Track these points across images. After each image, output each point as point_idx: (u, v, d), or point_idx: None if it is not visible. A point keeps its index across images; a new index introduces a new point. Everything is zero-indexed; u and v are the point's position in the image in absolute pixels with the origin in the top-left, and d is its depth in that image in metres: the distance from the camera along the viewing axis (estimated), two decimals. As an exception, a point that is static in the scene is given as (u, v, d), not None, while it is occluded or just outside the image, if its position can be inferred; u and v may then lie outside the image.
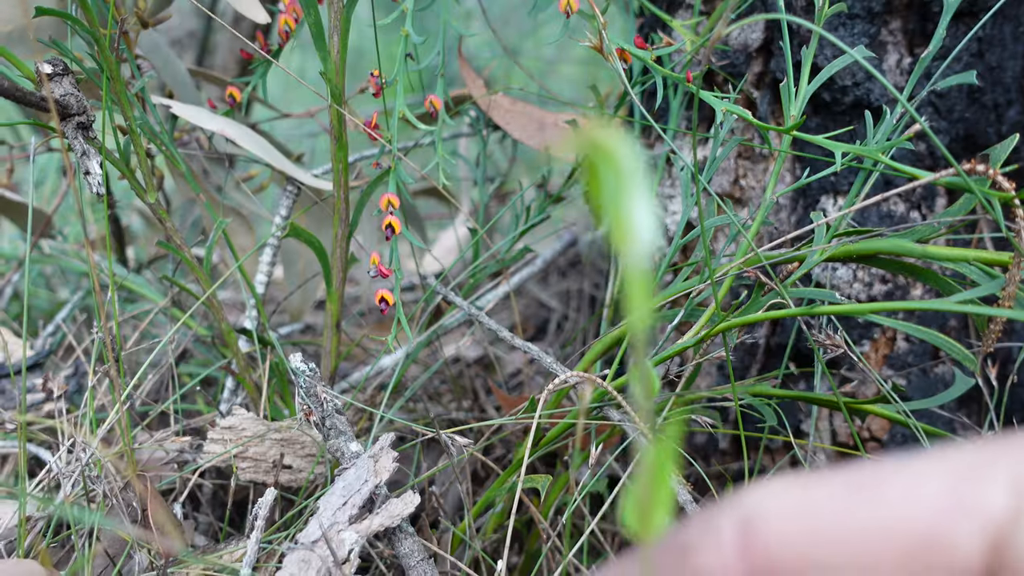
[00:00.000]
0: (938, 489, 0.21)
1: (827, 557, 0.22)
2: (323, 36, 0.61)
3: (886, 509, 0.21)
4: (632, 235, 0.16)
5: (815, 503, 0.23)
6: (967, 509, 0.20)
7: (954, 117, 0.70)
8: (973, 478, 0.20)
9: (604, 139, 0.16)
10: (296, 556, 0.48)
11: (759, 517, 0.23)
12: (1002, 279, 0.44)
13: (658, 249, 0.79)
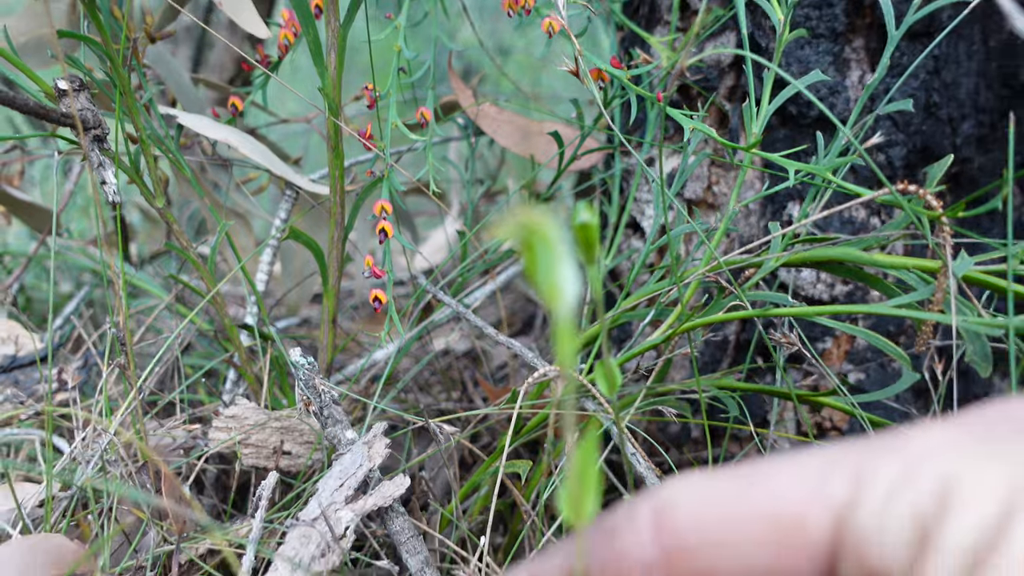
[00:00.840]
0: (802, 481, 0.26)
1: (721, 536, 0.27)
2: (321, 53, 0.65)
3: (765, 497, 0.26)
4: (559, 296, 0.21)
5: (715, 493, 0.27)
6: (818, 497, 0.25)
7: (911, 130, 0.75)
8: (827, 472, 0.25)
9: (535, 222, 0.21)
10: (297, 532, 0.53)
11: (670, 505, 0.28)
12: (934, 285, 0.49)
13: (635, 250, 0.84)
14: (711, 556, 0.27)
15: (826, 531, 0.25)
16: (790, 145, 0.76)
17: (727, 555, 0.27)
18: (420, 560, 0.58)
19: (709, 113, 0.79)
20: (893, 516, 0.24)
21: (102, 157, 0.56)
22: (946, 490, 0.23)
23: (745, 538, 0.26)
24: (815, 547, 0.26)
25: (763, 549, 0.26)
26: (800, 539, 0.26)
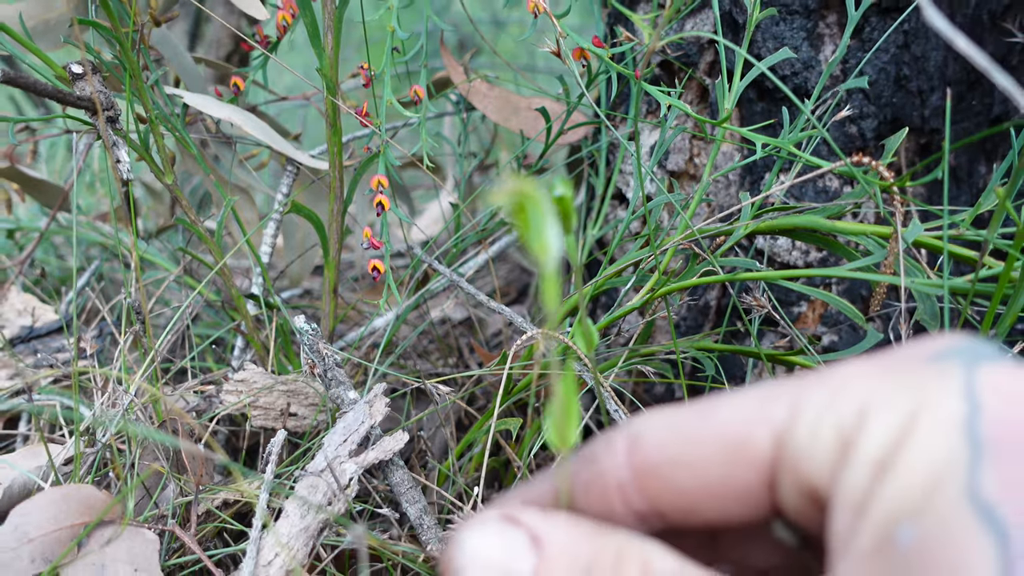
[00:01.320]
0: (747, 408, 0.31)
1: (681, 456, 0.32)
2: (318, 35, 0.69)
3: (716, 423, 0.31)
4: (547, 252, 0.25)
5: (676, 422, 0.32)
6: (760, 420, 0.30)
7: (882, 102, 0.78)
8: (768, 401, 0.30)
9: (525, 190, 0.25)
10: (306, 482, 0.58)
11: (640, 433, 0.33)
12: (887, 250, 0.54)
13: (621, 220, 0.88)
14: (674, 474, 0.32)
15: (767, 448, 0.30)
16: (767, 117, 0.79)
17: (687, 472, 0.32)
18: (419, 509, 0.63)
19: (689, 88, 0.82)
20: (821, 433, 0.28)
21: (116, 137, 0.60)
22: (862, 411, 0.28)
23: (701, 457, 0.31)
24: (759, 462, 0.30)
25: (716, 466, 0.31)
26: (746, 456, 0.30)
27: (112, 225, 0.94)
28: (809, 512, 0.31)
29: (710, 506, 0.32)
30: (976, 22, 0.77)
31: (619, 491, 0.33)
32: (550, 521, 0.32)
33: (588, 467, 0.34)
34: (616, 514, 0.34)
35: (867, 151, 0.79)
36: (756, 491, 0.31)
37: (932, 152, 0.81)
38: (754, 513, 0.33)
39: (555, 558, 0.30)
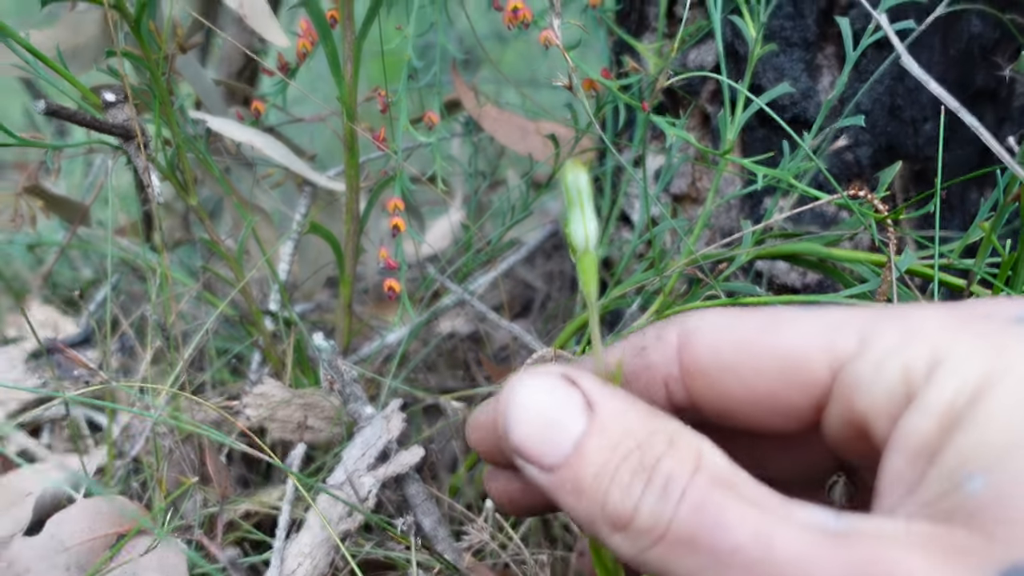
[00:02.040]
0: (813, 329, 0.31)
1: (734, 363, 0.32)
2: (338, 64, 0.72)
3: (779, 339, 0.31)
4: (587, 238, 0.30)
5: (734, 327, 0.32)
6: (825, 345, 0.30)
7: (877, 131, 0.81)
8: (835, 326, 0.30)
9: (573, 170, 0.29)
10: (326, 495, 0.61)
11: (694, 330, 0.33)
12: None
13: (626, 241, 0.91)
14: (723, 379, 0.32)
15: (825, 374, 0.30)
16: (768, 144, 0.82)
17: (736, 380, 0.32)
18: (433, 520, 0.65)
19: (693, 115, 0.85)
20: (886, 370, 0.28)
21: (147, 163, 0.63)
22: (936, 356, 0.28)
23: (754, 369, 0.31)
24: (814, 386, 0.30)
25: (768, 381, 0.31)
26: (801, 377, 0.30)
27: (132, 239, 0.97)
28: (850, 442, 0.31)
29: (751, 415, 0.32)
30: (968, 55, 0.80)
31: (664, 385, 0.33)
32: (607, 391, 0.31)
33: (637, 357, 0.34)
34: (656, 406, 0.33)
35: (863, 178, 0.83)
36: (802, 411, 0.31)
37: (926, 179, 0.85)
38: (793, 429, 0.32)
39: (607, 426, 0.30)
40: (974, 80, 0.81)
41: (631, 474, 0.29)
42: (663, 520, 0.28)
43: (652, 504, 0.28)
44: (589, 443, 0.29)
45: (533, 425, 0.30)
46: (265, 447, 0.46)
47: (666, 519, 0.28)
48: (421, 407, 0.85)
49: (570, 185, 0.31)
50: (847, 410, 0.29)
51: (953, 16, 0.78)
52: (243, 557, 0.63)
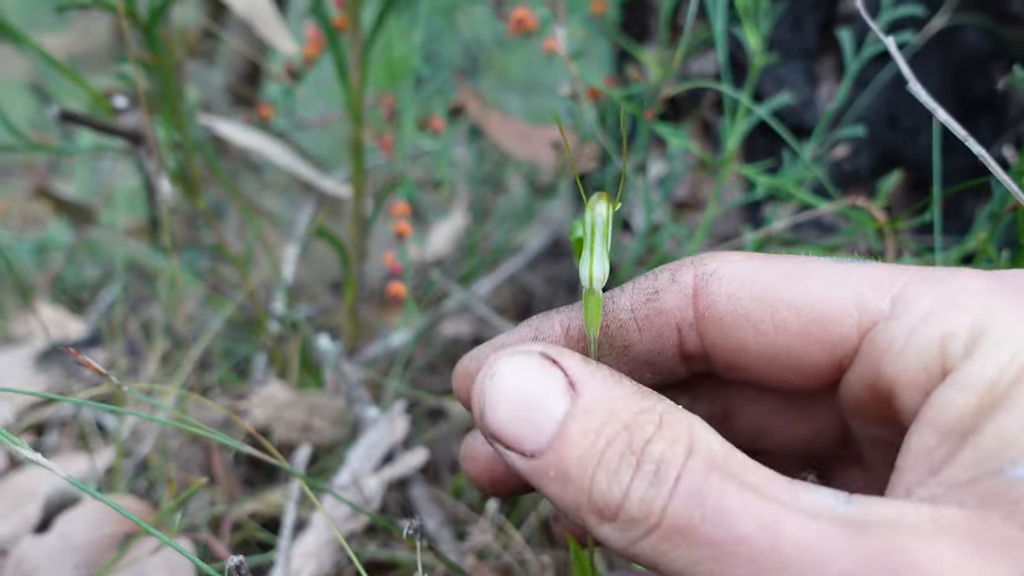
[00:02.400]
0: (844, 287, 0.28)
1: (754, 313, 0.29)
2: (345, 71, 0.73)
3: (803, 290, 0.29)
4: (594, 277, 0.30)
5: (759, 275, 0.30)
6: (854, 302, 0.28)
7: (876, 140, 0.83)
8: (866, 284, 0.28)
9: (597, 204, 0.29)
10: (331, 496, 0.61)
11: (712, 274, 0.30)
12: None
13: (627, 248, 0.92)
14: (740, 329, 0.30)
15: (853, 333, 0.28)
16: (769, 150, 0.83)
17: (754, 331, 0.29)
18: (437, 522, 0.66)
19: (694, 122, 0.86)
20: (921, 337, 0.26)
21: (158, 168, 0.64)
22: (978, 327, 0.25)
23: (776, 321, 0.29)
24: (838, 345, 0.28)
25: (788, 335, 0.29)
26: (826, 335, 0.28)
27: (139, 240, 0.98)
28: (869, 408, 0.28)
29: (765, 369, 0.30)
30: (964, 67, 0.81)
31: (677, 331, 0.31)
32: (590, 369, 0.29)
33: (648, 303, 0.31)
34: (665, 356, 0.31)
35: (862, 185, 0.84)
36: (822, 370, 0.29)
37: (924, 186, 0.86)
38: (807, 387, 0.30)
39: (591, 407, 0.27)
40: (971, 91, 0.82)
41: (618, 458, 0.26)
42: (656, 508, 0.26)
43: (643, 491, 0.26)
44: (572, 426, 0.27)
45: (511, 408, 0.28)
46: (272, 448, 0.47)
47: (659, 507, 0.26)
48: (424, 409, 0.86)
49: (589, 220, 0.30)
50: (873, 375, 0.27)
51: (950, 29, 0.80)
52: (249, 556, 0.64)
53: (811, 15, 0.80)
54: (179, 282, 0.61)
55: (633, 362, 0.32)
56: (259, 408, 0.77)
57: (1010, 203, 0.49)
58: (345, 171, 0.94)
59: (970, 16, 0.77)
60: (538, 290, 1.24)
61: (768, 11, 0.68)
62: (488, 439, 0.29)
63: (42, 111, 1.01)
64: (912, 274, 0.28)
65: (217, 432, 0.41)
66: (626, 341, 0.32)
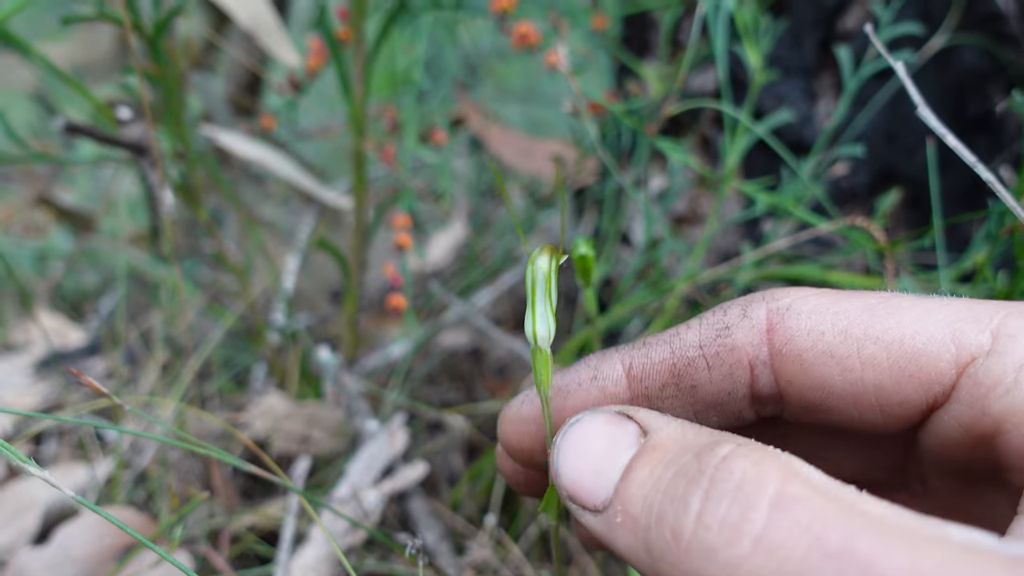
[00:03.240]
0: (939, 321, 0.26)
1: (838, 350, 0.27)
2: (348, 84, 0.73)
3: (895, 327, 0.27)
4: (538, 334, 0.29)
5: (836, 309, 0.28)
6: (952, 338, 0.26)
7: (874, 156, 0.83)
8: (962, 318, 0.26)
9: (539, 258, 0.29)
10: (330, 509, 0.62)
11: (788, 309, 0.28)
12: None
13: (626, 263, 0.93)
14: (822, 367, 0.27)
15: (950, 369, 0.26)
16: (768, 166, 0.84)
17: (837, 369, 0.27)
18: (436, 535, 0.67)
19: (694, 137, 0.87)
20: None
21: (161, 179, 0.64)
22: None
23: (864, 357, 0.27)
24: (934, 382, 0.26)
25: (878, 372, 0.27)
26: (920, 372, 0.26)
27: (139, 248, 0.98)
28: (964, 447, 0.27)
29: (849, 410, 0.28)
30: (960, 86, 0.82)
31: (749, 370, 0.29)
32: (665, 419, 0.27)
33: (718, 339, 0.29)
34: (735, 396, 0.29)
35: (860, 201, 0.84)
36: (912, 410, 0.27)
37: (922, 204, 0.86)
38: (892, 428, 0.28)
39: (661, 444, 0.26)
40: (967, 110, 0.83)
41: (686, 483, 0.23)
42: (745, 532, 0.21)
43: (722, 512, 0.22)
44: (638, 463, 0.25)
45: (582, 463, 0.26)
46: (271, 462, 0.47)
47: (753, 531, 0.21)
48: (423, 420, 0.87)
49: (530, 275, 0.29)
50: (975, 413, 0.26)
51: (947, 48, 0.80)
52: (247, 570, 0.64)
53: (810, 33, 0.80)
54: (180, 292, 0.62)
55: (700, 403, 0.30)
56: (258, 419, 0.77)
57: (1007, 225, 0.50)
58: (346, 182, 0.94)
59: (968, 36, 0.78)
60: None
61: (768, 29, 0.69)
62: (564, 502, 0.27)
63: (45, 119, 1.01)
64: (1011, 308, 0.26)
65: (214, 448, 0.41)
66: (694, 380, 0.30)
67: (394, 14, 0.70)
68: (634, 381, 0.31)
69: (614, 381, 0.31)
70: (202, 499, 0.45)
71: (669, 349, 0.30)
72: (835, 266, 0.62)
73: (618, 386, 0.31)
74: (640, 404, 0.31)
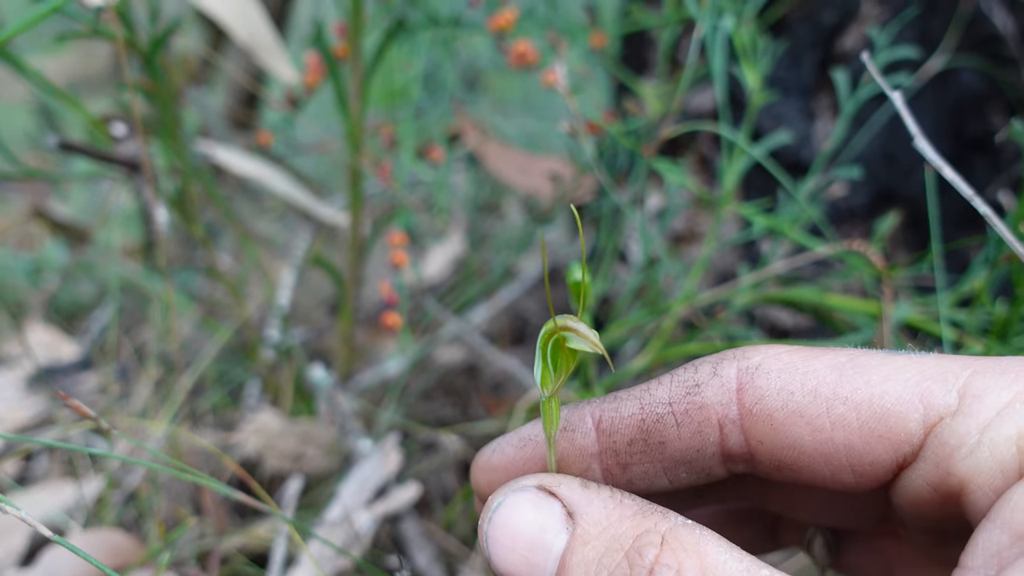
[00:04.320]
0: (903, 380, 0.27)
1: (808, 409, 0.27)
2: (345, 102, 0.73)
3: (863, 386, 0.27)
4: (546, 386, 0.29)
5: (812, 368, 0.28)
6: (919, 398, 0.26)
7: (873, 177, 0.83)
8: (929, 378, 0.26)
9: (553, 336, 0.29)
10: (323, 530, 0.61)
11: (760, 369, 0.28)
12: (877, 327, 0.58)
13: (624, 282, 0.92)
14: (791, 426, 0.28)
15: (919, 430, 0.26)
16: (767, 187, 0.84)
17: (807, 429, 0.27)
18: (428, 558, 0.66)
19: (692, 156, 0.87)
20: (997, 434, 0.24)
21: (154, 196, 0.64)
22: None
23: (833, 417, 0.27)
24: (903, 442, 0.26)
25: (848, 432, 0.27)
26: (889, 432, 0.26)
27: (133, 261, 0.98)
28: (931, 506, 0.27)
29: (819, 468, 0.28)
30: (959, 107, 0.82)
31: (719, 428, 0.29)
32: (589, 495, 0.28)
33: (688, 396, 0.29)
34: (704, 454, 0.30)
35: (858, 222, 0.84)
36: (882, 469, 0.27)
37: (921, 224, 0.86)
38: (862, 487, 0.28)
39: (589, 536, 0.26)
40: (966, 130, 0.83)
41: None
42: None
43: None
44: (571, 560, 0.26)
45: (515, 552, 0.27)
46: (260, 489, 0.46)
47: None
48: (417, 439, 0.86)
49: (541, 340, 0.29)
50: (940, 473, 0.26)
51: (945, 69, 0.80)
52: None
53: (808, 53, 0.80)
54: (172, 309, 0.61)
55: (669, 460, 0.30)
56: (252, 437, 0.76)
57: (1006, 252, 0.49)
58: (344, 196, 0.94)
59: (966, 58, 0.78)
60: (533, 317, 1.24)
61: (766, 49, 0.69)
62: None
63: (44, 131, 1.01)
64: (978, 365, 0.26)
65: (202, 475, 0.40)
66: (663, 437, 0.30)
67: (392, 32, 0.70)
68: (603, 435, 0.31)
69: (583, 433, 0.31)
70: (191, 524, 0.44)
71: (639, 404, 0.30)
72: (833, 288, 0.62)
73: (587, 439, 0.31)
74: (608, 458, 0.31)
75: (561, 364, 0.29)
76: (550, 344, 0.29)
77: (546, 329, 0.29)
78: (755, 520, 0.36)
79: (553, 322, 0.28)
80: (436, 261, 1.32)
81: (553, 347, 0.29)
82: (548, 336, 0.29)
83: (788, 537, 0.37)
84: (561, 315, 0.28)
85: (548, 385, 0.29)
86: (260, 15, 0.72)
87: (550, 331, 0.29)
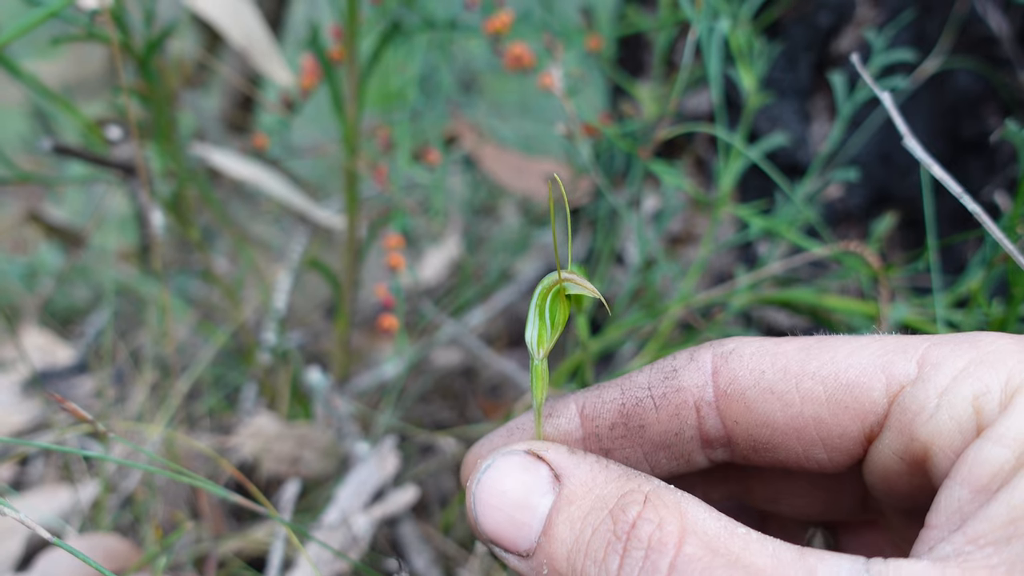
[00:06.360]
0: (869, 353, 0.28)
1: (778, 387, 0.29)
2: (341, 105, 0.73)
3: (829, 361, 0.29)
4: (538, 347, 0.30)
5: (776, 350, 0.30)
6: (882, 370, 0.28)
7: (870, 177, 0.83)
8: (890, 352, 0.28)
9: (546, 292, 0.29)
10: (320, 535, 0.61)
11: (734, 352, 0.30)
12: (874, 327, 0.58)
13: (620, 284, 0.92)
14: (764, 404, 0.29)
15: (882, 399, 0.28)
16: (763, 188, 0.84)
17: (779, 405, 0.29)
18: (426, 561, 0.66)
19: (689, 158, 0.87)
20: (954, 397, 0.26)
21: (149, 200, 0.64)
22: (1013, 384, 0.25)
23: (801, 393, 0.29)
24: (868, 412, 0.28)
25: (815, 406, 0.28)
26: (855, 403, 0.28)
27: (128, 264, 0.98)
28: (900, 477, 0.28)
29: (792, 445, 0.29)
30: (955, 108, 0.82)
31: (695, 410, 0.30)
32: (576, 460, 0.29)
33: (666, 381, 0.31)
34: (683, 437, 0.31)
35: (855, 223, 0.84)
36: (851, 442, 0.28)
37: (917, 224, 0.86)
38: (835, 464, 0.29)
39: (576, 495, 0.28)
40: (961, 132, 0.83)
41: (604, 546, 0.26)
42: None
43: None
44: (557, 518, 0.27)
45: (502, 511, 0.28)
46: (257, 492, 0.46)
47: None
48: (414, 442, 0.86)
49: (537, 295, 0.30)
50: (905, 440, 0.27)
51: (941, 71, 0.80)
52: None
53: (805, 55, 0.80)
54: (168, 314, 0.61)
55: (649, 444, 0.32)
56: (248, 440, 0.76)
57: (1002, 252, 0.49)
58: (339, 200, 0.93)
59: (962, 59, 0.78)
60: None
61: (762, 51, 0.69)
62: (486, 545, 0.29)
63: (37, 135, 1.01)
64: (937, 338, 0.28)
65: (199, 477, 0.40)
66: (642, 420, 0.31)
67: (388, 34, 0.70)
68: (586, 420, 0.32)
69: (568, 419, 0.32)
70: (188, 528, 0.44)
71: (620, 390, 0.32)
72: (830, 289, 0.62)
73: (571, 424, 0.32)
74: (591, 443, 0.32)
75: (558, 318, 0.30)
76: (548, 300, 0.30)
77: (544, 284, 0.30)
78: (741, 518, 0.37)
79: (558, 273, 0.29)
80: (432, 264, 1.32)
81: (551, 303, 0.30)
82: (547, 290, 0.30)
83: (775, 535, 0.38)
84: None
85: (544, 343, 0.30)
86: (255, 18, 0.72)
87: (549, 285, 0.30)
